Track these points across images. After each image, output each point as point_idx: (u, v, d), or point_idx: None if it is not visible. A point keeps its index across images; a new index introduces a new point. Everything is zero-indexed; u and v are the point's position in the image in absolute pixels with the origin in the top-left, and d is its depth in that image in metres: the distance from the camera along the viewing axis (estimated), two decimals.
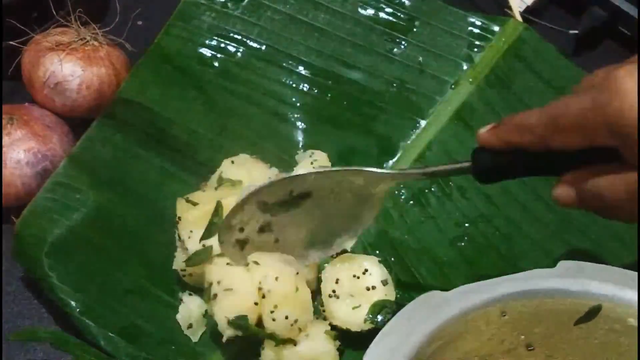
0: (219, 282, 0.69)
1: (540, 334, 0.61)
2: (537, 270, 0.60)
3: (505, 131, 0.57)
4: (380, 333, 0.57)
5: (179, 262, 0.73)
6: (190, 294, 0.74)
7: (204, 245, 0.71)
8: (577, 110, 0.52)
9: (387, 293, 0.71)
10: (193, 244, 0.71)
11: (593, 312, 0.59)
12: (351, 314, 0.71)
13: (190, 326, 0.73)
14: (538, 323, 0.60)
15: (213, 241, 0.71)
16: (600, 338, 0.60)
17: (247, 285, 0.69)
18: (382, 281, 0.72)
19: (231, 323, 0.68)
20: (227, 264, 0.70)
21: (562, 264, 0.60)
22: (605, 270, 0.60)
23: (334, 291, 0.72)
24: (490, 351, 0.61)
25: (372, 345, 0.56)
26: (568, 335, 0.60)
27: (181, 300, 0.73)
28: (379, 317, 0.70)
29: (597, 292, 0.58)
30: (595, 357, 0.61)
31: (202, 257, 0.71)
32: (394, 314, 0.71)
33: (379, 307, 0.71)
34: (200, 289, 0.73)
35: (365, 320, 0.70)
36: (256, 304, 0.69)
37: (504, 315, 0.59)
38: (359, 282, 0.72)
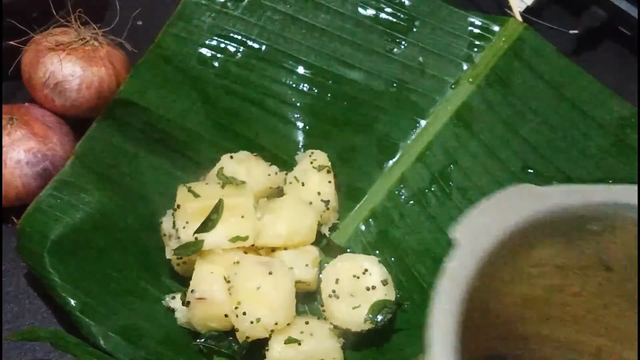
0: (192, 291, 0.70)
1: (622, 257, 0.59)
2: (634, 186, 0.57)
3: None
4: (473, 210, 0.57)
5: (170, 251, 0.74)
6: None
7: (196, 239, 0.71)
8: None
9: (387, 293, 0.71)
10: (186, 235, 0.71)
11: None
12: (351, 314, 0.71)
13: (190, 325, 0.73)
14: (624, 241, 0.58)
15: (206, 236, 0.71)
16: None
17: (220, 295, 0.70)
18: (382, 281, 0.72)
19: (203, 335, 0.71)
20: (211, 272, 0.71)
21: None
22: None
23: (334, 291, 0.72)
24: (568, 262, 0.60)
25: (464, 220, 0.56)
26: None
27: (173, 298, 0.74)
28: (379, 317, 0.70)
29: None
30: None
31: (192, 249, 0.71)
32: (394, 314, 0.71)
33: (379, 307, 0.71)
34: None
35: (365, 320, 0.70)
36: (226, 315, 0.70)
37: (594, 225, 0.58)
38: (359, 282, 0.72)
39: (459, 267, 0.53)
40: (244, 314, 0.68)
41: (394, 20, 0.84)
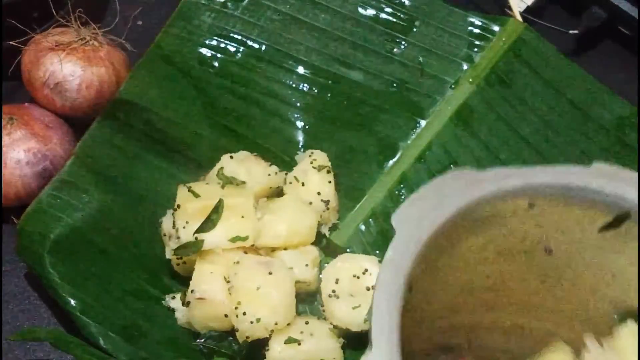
0: (192, 291, 0.70)
1: (562, 239, 0.59)
2: (572, 167, 0.57)
3: None
4: (410, 197, 0.55)
5: (170, 251, 0.74)
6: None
7: (196, 238, 0.71)
8: None
9: None
10: (186, 235, 0.71)
11: (620, 219, 0.57)
12: (351, 313, 0.71)
13: (190, 325, 0.73)
14: (563, 223, 0.58)
15: (206, 236, 0.71)
16: (622, 251, 0.58)
17: (220, 295, 0.70)
18: None
19: (203, 335, 0.71)
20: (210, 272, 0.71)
21: (597, 166, 0.57)
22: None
23: (334, 291, 0.72)
24: (509, 247, 0.59)
25: (401, 208, 0.54)
26: (589, 244, 0.59)
27: (173, 298, 0.74)
28: None
29: (631, 197, 0.56)
30: (612, 271, 0.59)
31: (192, 249, 0.71)
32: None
33: None
34: None
35: (365, 320, 0.70)
36: (226, 316, 0.70)
37: (532, 208, 0.57)
38: (359, 282, 0.72)
39: (398, 256, 0.52)
40: (244, 314, 0.68)
41: (394, 20, 0.84)
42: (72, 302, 0.72)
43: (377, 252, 0.77)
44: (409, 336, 0.50)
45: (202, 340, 0.72)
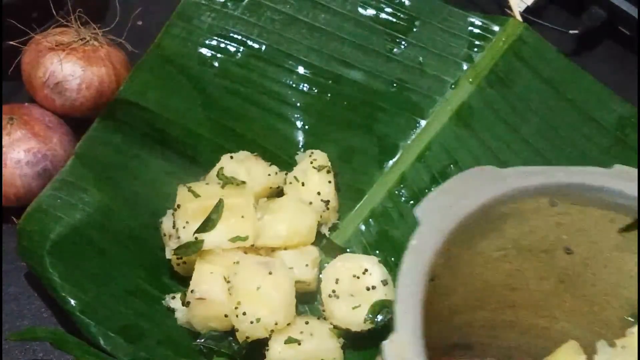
0: (192, 291, 0.70)
1: (583, 239, 0.60)
2: (594, 168, 0.58)
3: None
4: (434, 190, 0.56)
5: (170, 251, 0.74)
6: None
7: (196, 238, 0.71)
8: None
9: (387, 293, 0.71)
10: (186, 235, 0.71)
11: None
12: (351, 313, 0.71)
13: (190, 325, 0.73)
14: (583, 223, 0.59)
15: (206, 236, 0.71)
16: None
17: (220, 295, 0.70)
18: (382, 281, 0.72)
19: (203, 335, 0.71)
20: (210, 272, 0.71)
21: (618, 167, 0.58)
22: None
23: (333, 291, 0.72)
24: (530, 246, 0.60)
25: (425, 200, 0.55)
26: (609, 244, 0.59)
27: (173, 298, 0.74)
28: (379, 317, 0.70)
29: None
30: (631, 272, 0.60)
31: (192, 249, 0.71)
32: (393, 314, 0.71)
33: (379, 307, 0.71)
34: None
35: (365, 320, 0.70)
36: (226, 316, 0.70)
37: (554, 206, 0.58)
38: (359, 282, 0.72)
39: (421, 245, 0.53)
40: (244, 314, 0.68)
41: (394, 20, 0.84)
42: (72, 302, 0.72)
43: (377, 252, 0.77)
44: (428, 332, 0.51)
45: (202, 340, 0.72)
